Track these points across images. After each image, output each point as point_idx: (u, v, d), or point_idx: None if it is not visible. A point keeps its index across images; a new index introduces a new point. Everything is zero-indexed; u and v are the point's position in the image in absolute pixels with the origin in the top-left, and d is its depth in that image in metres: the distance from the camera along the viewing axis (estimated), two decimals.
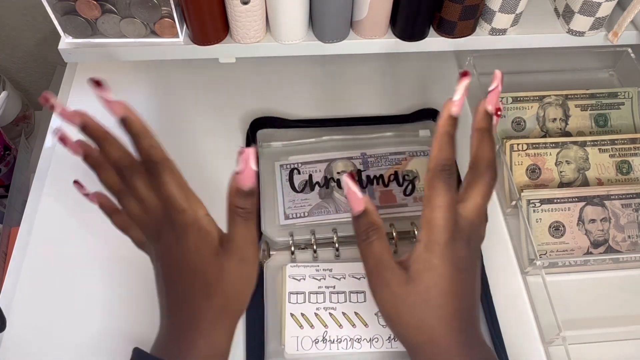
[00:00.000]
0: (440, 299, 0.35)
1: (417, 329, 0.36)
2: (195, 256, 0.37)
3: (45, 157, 0.59)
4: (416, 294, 0.35)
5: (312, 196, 0.54)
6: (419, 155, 0.57)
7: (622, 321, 0.49)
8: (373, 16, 0.50)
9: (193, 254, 0.37)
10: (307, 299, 0.48)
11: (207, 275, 0.37)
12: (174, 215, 0.37)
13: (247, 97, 0.64)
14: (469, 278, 0.37)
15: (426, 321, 0.36)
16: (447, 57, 0.69)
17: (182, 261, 0.37)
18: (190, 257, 0.37)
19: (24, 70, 0.93)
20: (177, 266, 0.38)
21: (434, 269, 0.35)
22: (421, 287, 0.36)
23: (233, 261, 0.37)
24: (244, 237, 0.37)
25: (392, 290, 0.36)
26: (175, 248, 0.37)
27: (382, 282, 0.36)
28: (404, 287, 0.36)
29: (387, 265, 0.36)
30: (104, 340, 0.48)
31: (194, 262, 0.37)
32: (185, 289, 0.37)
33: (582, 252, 0.51)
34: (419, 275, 0.36)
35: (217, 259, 0.37)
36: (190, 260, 0.37)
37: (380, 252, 0.36)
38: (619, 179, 0.55)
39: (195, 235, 0.37)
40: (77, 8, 0.48)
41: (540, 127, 0.59)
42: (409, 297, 0.36)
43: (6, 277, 0.51)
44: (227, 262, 0.37)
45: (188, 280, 0.37)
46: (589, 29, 0.52)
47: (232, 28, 0.51)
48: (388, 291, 0.36)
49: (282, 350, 0.46)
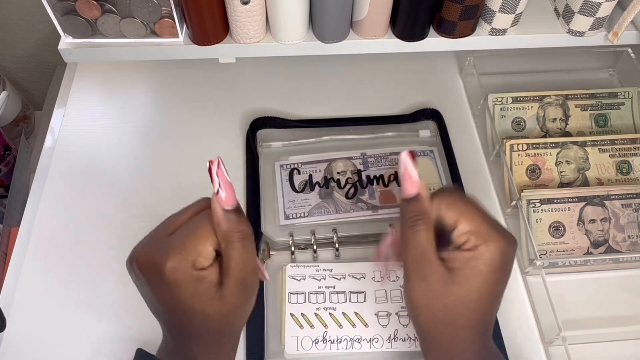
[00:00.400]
0: (479, 304, 0.35)
1: (445, 326, 0.36)
2: (193, 300, 0.34)
3: (45, 157, 0.59)
4: (457, 295, 0.35)
5: (312, 196, 0.54)
6: (419, 156, 0.57)
7: (622, 321, 0.49)
8: (373, 16, 0.50)
9: (191, 298, 0.34)
10: (307, 299, 0.48)
11: (207, 312, 0.35)
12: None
13: (247, 97, 0.64)
14: (505, 282, 0.37)
15: (458, 322, 0.35)
16: (447, 57, 0.69)
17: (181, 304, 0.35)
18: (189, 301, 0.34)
19: (24, 70, 0.93)
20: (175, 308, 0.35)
21: (480, 275, 0.35)
22: (464, 291, 0.35)
23: (236, 293, 0.35)
24: (244, 264, 0.35)
25: (429, 286, 0.35)
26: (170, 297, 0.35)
27: (420, 274, 0.35)
28: (444, 286, 0.35)
29: (429, 258, 0.35)
30: (104, 340, 0.48)
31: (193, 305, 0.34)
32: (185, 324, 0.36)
33: (582, 252, 0.51)
34: (465, 279, 0.35)
35: (217, 295, 0.34)
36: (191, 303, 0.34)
37: (425, 244, 0.35)
38: (619, 179, 0.55)
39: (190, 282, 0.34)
40: (77, 8, 0.48)
41: (540, 127, 0.59)
42: (448, 297, 0.35)
43: (6, 277, 0.51)
44: (229, 295, 0.35)
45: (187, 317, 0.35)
46: (589, 29, 0.52)
47: (232, 28, 0.51)
48: (425, 285, 0.35)
49: (282, 350, 0.46)
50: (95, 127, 0.62)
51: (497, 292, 0.36)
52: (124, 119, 0.62)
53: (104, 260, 0.52)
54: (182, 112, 0.63)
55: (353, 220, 0.53)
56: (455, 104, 0.64)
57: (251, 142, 0.58)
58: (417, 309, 0.36)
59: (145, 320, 0.49)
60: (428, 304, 0.35)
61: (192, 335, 0.36)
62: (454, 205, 0.36)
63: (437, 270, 0.35)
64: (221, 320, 0.35)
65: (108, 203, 0.56)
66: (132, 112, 0.63)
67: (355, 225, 0.52)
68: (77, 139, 0.61)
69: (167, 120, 0.63)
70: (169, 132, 0.62)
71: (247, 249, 0.35)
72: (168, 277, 0.33)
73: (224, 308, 0.35)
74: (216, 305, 0.34)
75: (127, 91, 0.65)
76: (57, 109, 0.63)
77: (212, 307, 0.34)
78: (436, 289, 0.35)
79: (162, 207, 0.56)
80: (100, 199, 0.56)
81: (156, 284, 0.35)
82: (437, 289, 0.35)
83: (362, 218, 0.53)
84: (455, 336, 0.36)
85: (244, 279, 0.35)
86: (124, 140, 0.61)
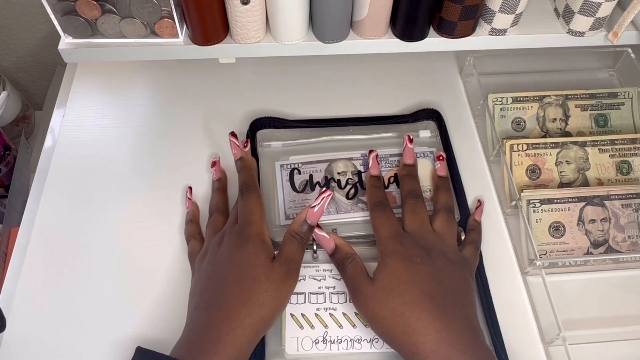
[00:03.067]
0: (401, 287, 0.42)
1: (391, 320, 0.41)
2: (252, 260, 0.43)
3: (45, 157, 0.59)
4: (380, 288, 0.42)
5: (312, 196, 0.54)
6: (419, 157, 0.56)
7: (622, 321, 0.49)
8: (373, 16, 0.50)
9: (252, 257, 0.43)
10: (307, 299, 0.48)
11: (257, 279, 0.42)
12: (243, 226, 0.45)
13: (247, 97, 0.64)
14: (425, 269, 0.43)
15: (396, 310, 0.41)
16: (447, 57, 0.69)
17: (239, 263, 0.43)
18: (249, 261, 0.43)
19: (24, 70, 0.93)
20: (230, 267, 0.43)
21: (388, 265, 0.43)
22: (383, 281, 0.43)
23: (280, 272, 0.43)
24: (294, 255, 0.45)
25: (363, 294, 0.43)
26: (236, 252, 0.44)
27: (357, 292, 0.44)
28: (370, 286, 0.43)
29: (359, 278, 0.44)
30: (104, 340, 0.48)
31: (249, 265, 0.43)
32: (230, 290, 0.42)
33: (582, 252, 0.51)
34: (379, 273, 0.43)
35: (269, 265, 0.43)
36: (246, 263, 0.43)
37: (353, 272, 0.45)
38: (619, 179, 0.55)
39: (257, 244, 0.44)
40: (77, 8, 0.48)
41: (540, 127, 0.59)
42: (376, 293, 0.42)
43: (6, 277, 0.51)
44: (276, 271, 0.43)
45: (236, 280, 0.42)
46: (589, 29, 0.52)
47: (232, 28, 0.51)
48: (361, 296, 0.43)
49: (283, 351, 0.46)
50: (95, 127, 0.62)
51: (415, 272, 0.43)
52: (124, 119, 0.62)
53: (104, 260, 0.52)
54: (182, 112, 0.63)
55: (353, 220, 0.53)
56: (455, 104, 0.64)
57: (251, 142, 0.58)
58: (369, 320, 0.43)
59: (146, 321, 0.49)
60: (370, 309, 0.42)
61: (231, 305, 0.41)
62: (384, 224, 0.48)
63: (365, 281, 0.44)
64: (261, 290, 0.42)
65: (108, 203, 0.56)
66: (132, 112, 0.63)
67: (355, 225, 0.52)
68: (77, 139, 0.61)
69: (167, 120, 0.63)
70: (169, 132, 0.62)
71: (300, 250, 0.45)
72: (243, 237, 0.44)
73: (268, 273, 0.42)
74: (264, 268, 0.42)
75: (127, 91, 0.65)
76: (57, 109, 0.63)
77: (261, 267, 0.42)
78: (367, 292, 0.43)
79: (163, 207, 0.56)
80: (100, 198, 0.56)
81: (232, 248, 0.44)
82: (368, 292, 0.43)
83: (363, 218, 0.53)
84: (404, 328, 0.40)
85: (290, 262, 0.44)
86: (124, 140, 0.61)
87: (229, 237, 0.46)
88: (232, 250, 0.44)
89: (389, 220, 0.47)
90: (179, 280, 0.51)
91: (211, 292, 0.42)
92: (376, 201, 0.49)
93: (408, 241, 0.45)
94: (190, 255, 0.50)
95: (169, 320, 0.49)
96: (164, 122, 0.62)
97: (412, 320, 0.40)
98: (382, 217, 0.48)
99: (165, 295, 0.50)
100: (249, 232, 0.45)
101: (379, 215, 0.48)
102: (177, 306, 0.49)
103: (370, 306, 0.42)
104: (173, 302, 0.49)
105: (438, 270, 0.44)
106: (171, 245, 0.53)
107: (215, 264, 0.44)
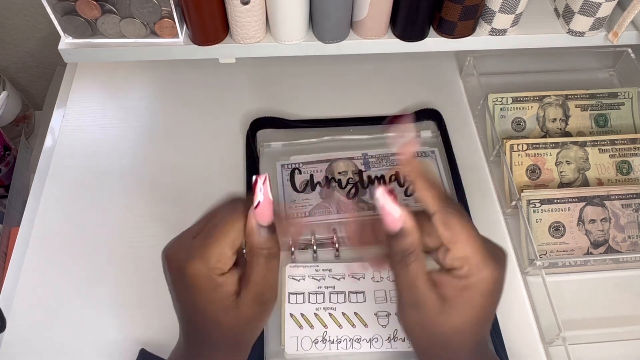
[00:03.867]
0: (474, 328, 0.35)
1: (441, 349, 0.36)
2: (209, 297, 0.34)
3: (45, 157, 0.59)
4: (451, 325, 0.34)
5: (313, 196, 0.54)
6: (420, 156, 0.57)
7: (622, 321, 0.49)
8: (373, 16, 0.50)
9: (207, 304, 0.35)
10: (306, 299, 0.48)
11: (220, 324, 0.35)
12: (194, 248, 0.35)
13: (247, 97, 0.64)
14: (496, 302, 0.36)
15: (453, 346, 0.35)
16: (447, 57, 0.69)
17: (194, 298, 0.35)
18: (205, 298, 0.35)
19: (24, 70, 0.93)
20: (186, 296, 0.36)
21: (474, 304, 0.34)
22: (459, 320, 0.34)
23: (251, 306, 0.35)
24: (264, 279, 0.35)
25: (423, 315, 0.35)
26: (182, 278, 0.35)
27: (413, 303, 0.35)
28: (438, 316, 0.34)
29: (421, 289, 0.34)
30: (104, 340, 0.48)
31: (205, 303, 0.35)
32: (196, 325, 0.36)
33: (582, 252, 0.51)
34: (459, 310, 0.34)
35: (233, 306, 0.35)
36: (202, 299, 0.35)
37: (415, 275, 0.34)
38: (619, 179, 0.55)
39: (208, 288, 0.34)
40: (77, 8, 0.48)
41: (540, 127, 0.59)
42: (442, 327, 0.34)
43: (6, 277, 0.51)
44: (245, 307, 0.34)
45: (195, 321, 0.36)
46: (589, 29, 0.52)
47: (232, 28, 0.51)
48: (418, 314, 0.35)
49: (282, 351, 0.46)
50: (95, 127, 0.62)
51: (490, 314, 0.36)
52: (124, 118, 0.62)
53: (104, 260, 0.52)
54: (182, 112, 0.63)
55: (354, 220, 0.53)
56: (455, 104, 0.64)
57: (251, 142, 0.58)
58: (411, 333, 0.37)
59: (145, 321, 0.49)
60: (423, 330, 0.35)
61: (205, 342, 0.36)
62: (453, 226, 0.34)
63: (430, 300, 0.34)
64: (233, 331, 0.35)
65: (108, 203, 0.56)
66: (132, 112, 0.63)
67: None
68: (77, 139, 0.61)
69: (167, 120, 0.63)
70: (169, 131, 0.62)
71: (270, 267, 0.35)
72: (188, 280, 0.34)
73: (238, 319, 0.35)
74: (230, 315, 0.34)
75: (127, 91, 0.65)
76: (57, 109, 0.63)
77: (226, 316, 0.34)
78: (430, 317, 0.34)
79: (163, 207, 0.56)
80: (100, 198, 0.56)
81: (178, 284, 0.35)
82: (431, 318, 0.34)
83: (363, 218, 0.53)
84: (451, 356, 0.36)
85: (262, 294, 0.35)
86: (124, 140, 0.61)
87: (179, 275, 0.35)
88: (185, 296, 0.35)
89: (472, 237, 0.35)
90: None
91: (180, 311, 0.37)
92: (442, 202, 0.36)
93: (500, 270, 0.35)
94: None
95: (169, 321, 0.49)
96: (163, 122, 0.62)
97: (458, 356, 0.36)
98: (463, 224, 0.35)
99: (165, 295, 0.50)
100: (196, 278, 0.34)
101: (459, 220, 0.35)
102: None
103: (425, 330, 0.35)
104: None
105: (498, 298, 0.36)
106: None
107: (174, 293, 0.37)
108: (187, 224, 0.56)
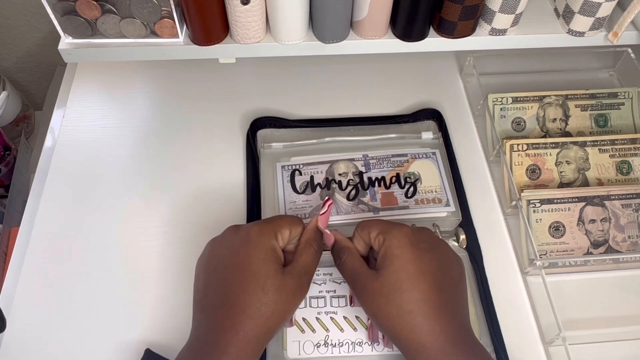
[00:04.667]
0: (410, 281, 0.39)
1: (398, 317, 0.39)
2: (263, 268, 0.40)
3: (45, 157, 0.59)
4: (388, 284, 0.40)
5: (313, 197, 0.54)
6: (421, 158, 0.56)
7: (622, 321, 0.49)
8: (373, 16, 0.50)
9: (262, 266, 0.40)
10: (308, 303, 0.48)
11: (266, 291, 0.39)
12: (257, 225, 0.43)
13: (247, 97, 0.64)
14: (435, 257, 0.41)
15: (403, 307, 0.39)
16: (447, 57, 0.69)
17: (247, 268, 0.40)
18: (259, 269, 0.40)
19: (24, 70, 0.93)
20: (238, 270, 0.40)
21: (397, 257, 0.40)
22: (390, 276, 0.40)
23: (292, 285, 0.40)
24: (309, 266, 0.42)
25: (368, 289, 0.40)
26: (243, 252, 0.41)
27: (360, 286, 0.41)
28: (376, 281, 0.40)
29: (359, 271, 0.42)
30: (104, 340, 0.48)
31: (258, 273, 0.40)
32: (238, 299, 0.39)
33: (582, 252, 0.51)
34: (387, 268, 0.40)
35: (280, 277, 0.40)
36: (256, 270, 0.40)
37: (352, 265, 0.42)
38: (619, 179, 0.55)
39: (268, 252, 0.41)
40: (77, 8, 0.48)
41: (540, 127, 0.59)
42: (382, 289, 0.40)
43: (6, 277, 0.51)
44: (288, 284, 0.40)
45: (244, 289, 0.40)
46: (589, 29, 0.52)
47: (232, 28, 0.51)
48: (365, 292, 0.41)
49: (285, 355, 0.46)
50: (95, 127, 0.62)
51: (427, 263, 0.40)
52: (124, 119, 0.62)
53: (104, 260, 0.52)
54: (182, 112, 0.63)
55: (354, 222, 0.52)
56: (455, 104, 0.64)
57: (251, 142, 0.58)
58: (374, 317, 0.41)
59: (146, 321, 0.49)
60: (376, 305, 0.40)
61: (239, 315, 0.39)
62: (372, 225, 0.43)
63: (369, 274, 0.41)
64: (272, 301, 0.39)
65: (108, 203, 0.56)
66: (132, 112, 0.63)
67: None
68: (77, 139, 0.61)
69: (167, 120, 0.63)
70: (169, 132, 0.62)
71: (316, 257, 0.43)
72: (252, 237, 0.41)
73: (280, 285, 0.40)
74: (276, 279, 0.40)
75: (127, 91, 0.65)
76: (57, 109, 0.63)
77: (273, 280, 0.40)
78: (373, 287, 0.40)
79: (163, 207, 0.56)
80: (101, 198, 0.56)
81: (237, 243, 0.42)
82: (373, 288, 0.40)
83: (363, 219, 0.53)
84: (412, 327, 0.39)
85: (304, 273, 0.42)
86: (124, 140, 0.61)
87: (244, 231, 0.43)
88: (240, 250, 0.41)
89: (376, 220, 0.44)
90: (179, 280, 0.51)
91: (217, 295, 0.40)
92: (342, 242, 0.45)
93: (408, 227, 0.42)
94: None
95: (169, 321, 0.49)
96: (163, 122, 0.62)
97: (419, 319, 0.38)
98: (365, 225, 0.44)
99: (165, 295, 0.50)
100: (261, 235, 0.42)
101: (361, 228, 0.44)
102: (177, 306, 0.49)
103: (376, 302, 0.40)
104: (173, 303, 0.49)
105: (443, 256, 0.42)
106: (171, 245, 0.53)
107: (222, 259, 0.42)
108: (187, 224, 0.56)
